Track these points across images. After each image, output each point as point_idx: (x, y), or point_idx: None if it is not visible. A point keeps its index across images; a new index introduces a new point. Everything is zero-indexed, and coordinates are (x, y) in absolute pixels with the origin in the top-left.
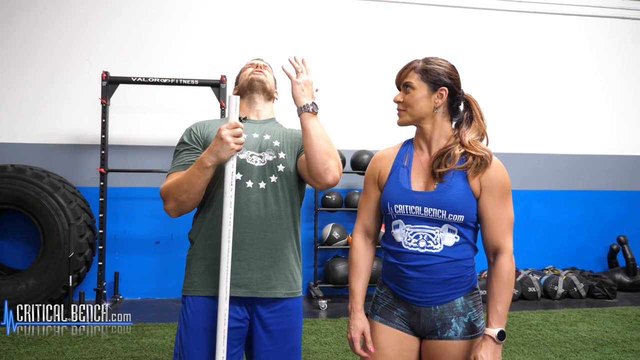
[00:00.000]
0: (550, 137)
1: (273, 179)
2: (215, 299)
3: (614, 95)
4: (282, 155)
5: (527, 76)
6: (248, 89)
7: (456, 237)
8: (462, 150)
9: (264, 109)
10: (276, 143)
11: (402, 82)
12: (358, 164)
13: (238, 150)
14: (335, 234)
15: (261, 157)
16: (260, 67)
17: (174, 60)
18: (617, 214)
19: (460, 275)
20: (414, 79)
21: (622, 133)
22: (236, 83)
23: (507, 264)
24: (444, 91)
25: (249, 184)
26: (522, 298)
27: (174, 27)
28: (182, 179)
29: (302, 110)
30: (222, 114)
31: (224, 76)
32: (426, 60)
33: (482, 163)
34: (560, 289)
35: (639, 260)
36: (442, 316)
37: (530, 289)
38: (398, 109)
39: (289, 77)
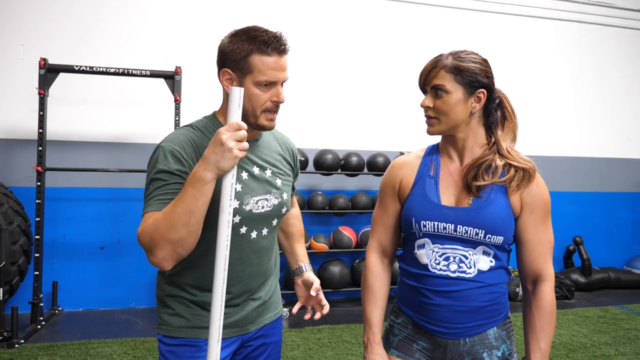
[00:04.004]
0: None
1: (274, 222)
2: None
3: (577, 97)
4: (285, 196)
5: (497, 77)
6: (254, 124)
7: (491, 261)
8: (504, 162)
9: None
10: (279, 183)
11: (430, 84)
12: (321, 164)
13: (242, 158)
14: None
15: (267, 200)
16: (279, 104)
17: (123, 48)
18: (573, 214)
19: (494, 303)
20: (446, 80)
21: (580, 136)
22: (223, 63)
23: (550, 294)
24: (482, 94)
25: (254, 234)
26: None
27: (124, 12)
28: (173, 210)
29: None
30: (177, 108)
31: (179, 67)
32: (457, 57)
33: (525, 176)
34: (521, 291)
35: (594, 261)
36: (472, 350)
37: None
38: (428, 116)
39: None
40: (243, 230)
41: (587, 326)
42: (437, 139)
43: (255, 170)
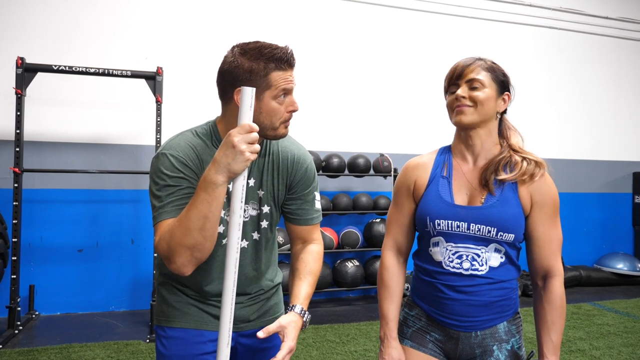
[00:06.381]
0: None
1: (255, 235)
2: (195, 330)
3: (552, 101)
4: (265, 209)
5: None
6: (272, 135)
7: (502, 258)
8: (520, 157)
9: None
10: (260, 193)
11: (467, 77)
12: None
13: (253, 161)
14: (280, 239)
15: (244, 210)
16: (294, 112)
17: (104, 48)
18: None
19: (505, 298)
20: (483, 75)
21: (554, 138)
22: (235, 82)
23: (560, 288)
24: (508, 96)
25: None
26: None
27: (104, 12)
28: (187, 216)
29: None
30: (158, 109)
31: (161, 68)
32: (487, 59)
33: (537, 169)
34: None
35: (566, 259)
36: (482, 342)
37: None
38: (462, 105)
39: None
40: (224, 241)
41: None
42: (428, 141)
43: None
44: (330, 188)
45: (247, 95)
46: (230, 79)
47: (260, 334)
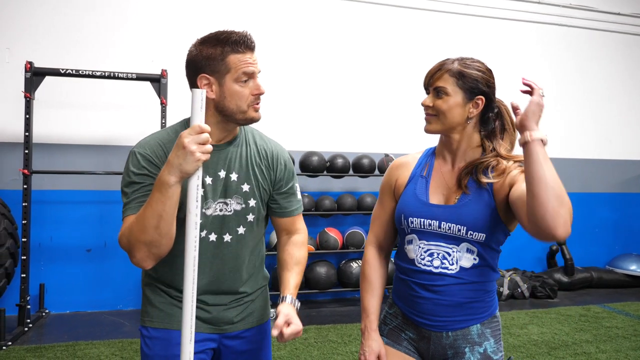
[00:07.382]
0: None
1: (241, 230)
2: (178, 331)
3: (559, 100)
4: (252, 203)
5: None
6: (242, 119)
7: (475, 259)
8: (511, 161)
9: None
10: (245, 187)
11: (433, 85)
12: (307, 165)
13: (205, 161)
14: None
15: (227, 204)
16: (260, 95)
17: (109, 51)
18: None
19: (477, 300)
20: (448, 84)
21: (563, 138)
22: (198, 70)
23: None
24: (481, 100)
25: (212, 237)
26: None
27: (110, 15)
28: (143, 214)
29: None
30: (163, 111)
31: (165, 70)
32: (462, 62)
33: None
34: (505, 290)
35: (577, 260)
36: (454, 344)
37: None
38: (427, 114)
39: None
40: (202, 233)
41: (568, 324)
42: (434, 141)
43: (221, 173)
44: (335, 188)
45: (198, 97)
46: (193, 69)
47: (275, 332)
